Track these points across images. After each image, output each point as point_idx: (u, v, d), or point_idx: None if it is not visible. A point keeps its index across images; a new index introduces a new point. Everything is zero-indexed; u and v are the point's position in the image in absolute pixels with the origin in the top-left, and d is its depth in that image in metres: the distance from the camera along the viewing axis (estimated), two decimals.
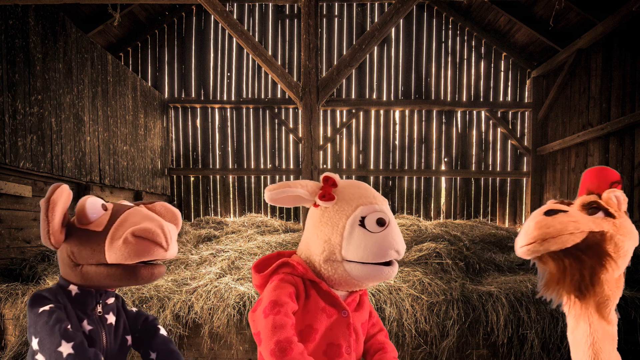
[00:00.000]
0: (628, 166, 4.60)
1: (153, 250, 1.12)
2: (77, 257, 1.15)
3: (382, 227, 1.07)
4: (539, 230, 0.98)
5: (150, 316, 1.39)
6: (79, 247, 1.14)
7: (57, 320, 1.07)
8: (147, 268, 1.18)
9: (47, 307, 1.09)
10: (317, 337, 1.08)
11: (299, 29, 6.50)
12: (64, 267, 1.19)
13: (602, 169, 1.14)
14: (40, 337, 1.06)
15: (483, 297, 2.85)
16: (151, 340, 1.32)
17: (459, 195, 6.66)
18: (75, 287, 1.18)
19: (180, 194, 6.62)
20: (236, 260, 3.50)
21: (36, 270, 3.44)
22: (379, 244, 1.05)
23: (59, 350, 1.03)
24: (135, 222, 1.14)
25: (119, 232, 1.13)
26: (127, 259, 1.11)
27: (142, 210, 1.21)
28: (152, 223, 1.14)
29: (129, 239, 1.10)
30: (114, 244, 1.11)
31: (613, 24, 4.64)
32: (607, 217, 1.03)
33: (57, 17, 3.87)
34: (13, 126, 3.34)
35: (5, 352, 2.78)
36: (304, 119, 3.78)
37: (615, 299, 1.05)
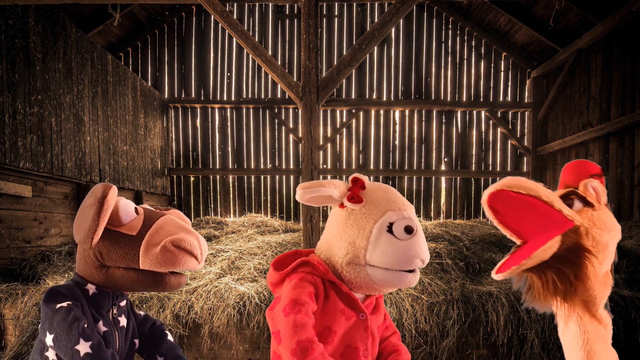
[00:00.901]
0: (628, 166, 4.60)
1: (188, 261, 1.12)
2: (105, 258, 1.13)
3: (410, 234, 1.05)
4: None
5: (158, 321, 1.39)
6: (109, 248, 1.13)
7: (75, 318, 1.05)
8: (175, 277, 1.18)
9: (64, 304, 1.08)
10: (335, 339, 1.06)
11: (299, 29, 6.50)
12: (86, 266, 1.17)
13: (581, 162, 1.11)
14: (57, 333, 1.05)
15: (483, 297, 2.85)
16: (159, 345, 1.32)
17: (459, 195, 6.66)
18: (93, 287, 1.17)
19: (180, 194, 6.62)
20: (236, 260, 3.50)
21: (36, 270, 3.44)
22: (405, 251, 1.04)
23: (76, 349, 1.03)
24: (172, 231, 1.14)
25: (156, 239, 1.12)
26: (161, 266, 1.11)
27: (176, 220, 1.21)
28: (190, 235, 1.15)
29: (169, 248, 1.10)
30: (150, 250, 1.11)
31: (613, 24, 4.64)
32: (586, 207, 0.99)
33: (57, 17, 3.87)
34: (13, 126, 3.34)
35: (5, 352, 2.78)
36: (304, 119, 3.78)
37: (603, 297, 1.00)
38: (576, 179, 1.07)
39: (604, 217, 0.98)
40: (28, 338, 2.75)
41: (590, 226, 0.96)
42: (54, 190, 4.06)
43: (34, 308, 2.79)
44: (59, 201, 4.15)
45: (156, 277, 1.14)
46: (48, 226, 3.98)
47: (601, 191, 1.01)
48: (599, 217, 0.98)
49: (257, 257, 3.56)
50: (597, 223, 0.96)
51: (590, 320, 0.99)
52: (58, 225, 4.13)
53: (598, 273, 0.97)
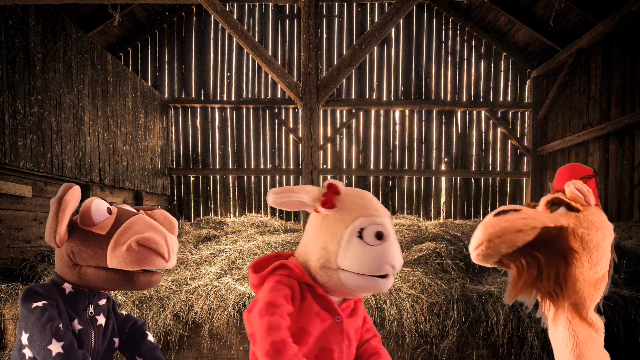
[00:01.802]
0: (628, 166, 4.60)
1: (155, 260, 1.13)
2: (77, 257, 1.16)
3: (380, 240, 1.05)
4: (484, 232, 0.94)
5: (140, 321, 1.40)
6: (79, 247, 1.15)
7: (49, 319, 1.07)
8: (145, 275, 1.19)
9: (40, 304, 1.10)
10: (310, 340, 1.08)
11: (299, 29, 6.50)
12: (61, 265, 1.20)
13: (574, 165, 1.10)
14: (31, 332, 1.07)
15: (483, 297, 2.85)
16: (138, 345, 1.33)
17: (459, 195, 6.66)
18: (69, 286, 1.19)
19: (180, 194, 6.62)
20: (236, 260, 3.50)
21: (36, 270, 3.44)
22: (375, 257, 1.04)
23: (48, 348, 1.05)
24: (140, 230, 1.15)
25: (123, 238, 1.14)
26: (128, 265, 1.12)
27: (146, 219, 1.22)
28: (156, 234, 1.16)
29: (133, 247, 1.11)
30: (116, 249, 1.12)
31: (613, 24, 4.64)
32: (570, 212, 0.98)
33: (57, 17, 3.87)
34: (13, 126, 3.34)
35: (5, 352, 2.78)
36: (304, 119, 3.78)
37: (593, 300, 0.99)
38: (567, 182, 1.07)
39: (591, 217, 0.97)
40: None
41: (577, 225, 0.95)
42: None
43: None
44: None
45: (126, 276, 1.15)
46: None
47: (586, 192, 0.99)
48: (586, 217, 0.97)
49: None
50: (583, 223, 0.95)
51: (580, 324, 0.98)
52: None
53: (588, 275, 0.96)
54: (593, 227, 0.95)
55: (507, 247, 0.92)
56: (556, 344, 1.02)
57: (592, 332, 0.98)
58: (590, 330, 0.98)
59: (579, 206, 0.98)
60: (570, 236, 0.94)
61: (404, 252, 3.60)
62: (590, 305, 0.99)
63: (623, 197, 4.67)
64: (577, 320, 0.98)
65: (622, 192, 4.69)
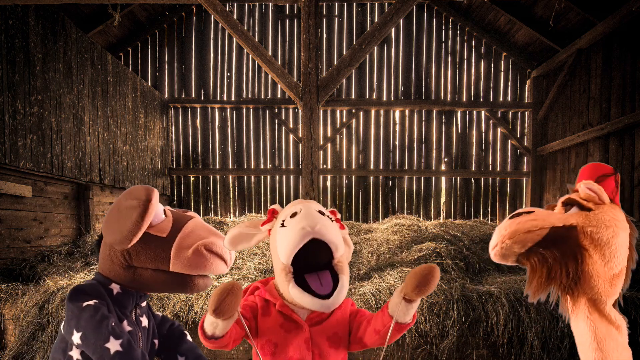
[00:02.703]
0: (628, 166, 4.60)
1: (219, 265, 1.14)
2: (134, 259, 1.12)
3: (293, 217, 1.13)
4: (499, 234, 1.02)
5: (176, 322, 1.39)
6: (138, 249, 1.12)
7: (104, 316, 1.04)
8: (202, 279, 1.18)
9: (91, 302, 1.06)
10: (277, 350, 1.17)
11: (299, 29, 6.50)
12: (112, 266, 1.15)
13: (595, 165, 1.13)
14: (85, 331, 1.03)
15: (483, 297, 2.85)
16: (179, 345, 1.32)
17: (459, 195, 6.66)
18: (117, 286, 1.16)
19: (180, 194, 6.62)
20: (236, 260, 3.50)
21: (36, 270, 3.44)
22: (291, 229, 1.10)
23: (106, 346, 1.01)
24: (202, 235, 1.15)
25: (187, 242, 1.12)
26: (192, 269, 1.11)
27: (204, 223, 1.22)
28: (220, 239, 1.16)
29: (202, 252, 1.11)
30: (181, 253, 1.11)
31: (613, 24, 4.64)
32: (582, 211, 1.02)
33: (57, 17, 3.87)
34: (13, 126, 3.34)
35: (5, 352, 2.78)
36: (304, 119, 3.78)
37: (610, 296, 1.01)
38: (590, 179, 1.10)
39: (601, 216, 0.99)
40: (28, 338, 2.75)
41: (585, 224, 0.98)
42: (54, 190, 4.06)
43: (34, 308, 2.79)
44: (59, 201, 4.15)
45: (184, 279, 1.15)
46: (48, 226, 3.98)
47: (598, 190, 1.02)
48: (595, 216, 0.99)
49: (257, 257, 3.56)
50: (592, 221, 0.98)
51: (599, 319, 1.00)
52: (58, 225, 4.13)
53: (603, 272, 0.98)
54: (603, 225, 0.98)
55: (519, 246, 1.00)
56: (577, 338, 1.05)
57: (612, 329, 1.00)
58: (610, 326, 1.00)
59: (591, 205, 1.01)
60: (580, 234, 0.98)
61: (404, 252, 3.60)
62: (607, 301, 1.01)
63: (623, 197, 4.67)
64: (595, 316, 1.01)
65: (622, 192, 4.69)
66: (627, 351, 1.02)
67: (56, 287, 2.91)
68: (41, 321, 2.75)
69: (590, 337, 1.00)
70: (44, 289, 2.90)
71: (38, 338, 2.74)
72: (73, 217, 4.37)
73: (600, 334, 0.99)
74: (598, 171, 1.10)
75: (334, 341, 1.22)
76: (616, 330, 1.01)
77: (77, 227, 4.41)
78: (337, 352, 1.23)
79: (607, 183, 1.07)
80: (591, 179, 1.09)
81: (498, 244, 1.02)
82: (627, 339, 1.03)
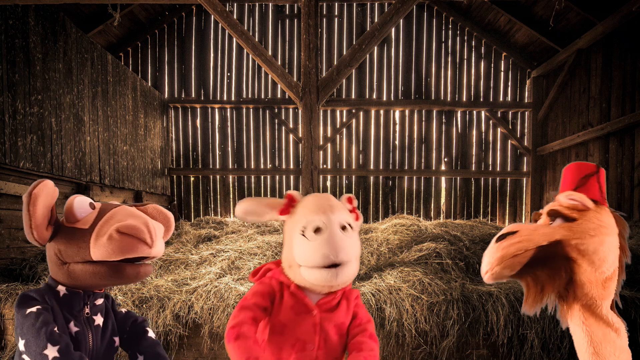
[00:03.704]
0: (628, 166, 4.60)
1: (137, 247, 1.12)
2: (64, 255, 1.16)
3: (318, 234, 1.17)
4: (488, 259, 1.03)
5: (140, 318, 1.39)
6: (65, 245, 1.15)
7: (44, 323, 1.07)
8: (132, 267, 1.18)
9: (34, 309, 1.09)
10: (286, 332, 1.23)
11: (299, 29, 6.50)
12: (52, 266, 1.20)
13: (577, 165, 1.12)
14: (27, 339, 1.06)
15: (483, 297, 2.85)
16: (139, 342, 1.32)
17: (459, 195, 6.66)
18: (63, 288, 1.19)
19: (180, 194, 6.62)
20: (236, 260, 3.50)
21: (36, 270, 3.44)
22: (314, 250, 1.15)
23: (44, 353, 1.04)
24: (121, 220, 1.15)
25: (104, 229, 1.13)
26: (111, 255, 1.11)
27: (128, 208, 1.21)
28: (136, 220, 1.15)
29: (114, 236, 1.10)
30: (98, 240, 1.12)
31: (613, 24, 4.64)
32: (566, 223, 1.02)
33: (57, 17, 3.87)
34: (13, 126, 3.34)
35: (5, 352, 2.78)
36: (304, 119, 3.78)
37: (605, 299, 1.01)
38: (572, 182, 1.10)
39: (585, 225, 0.99)
40: None
41: (569, 237, 0.99)
42: None
43: None
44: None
45: (113, 268, 1.14)
46: None
47: (580, 198, 1.02)
48: (579, 227, 0.99)
49: (257, 257, 3.56)
50: (575, 234, 0.99)
51: (595, 323, 1.00)
52: None
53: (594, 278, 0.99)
54: (587, 235, 0.98)
55: (509, 271, 1.01)
56: (575, 343, 1.05)
57: (609, 332, 1.00)
58: (607, 329, 1.00)
59: (576, 214, 1.01)
60: (566, 248, 0.99)
61: (404, 252, 3.60)
62: (603, 304, 1.01)
63: (623, 197, 4.67)
64: (591, 320, 1.01)
65: (622, 192, 4.69)
66: (626, 353, 1.02)
67: None
68: None
69: (586, 342, 1.00)
70: None
71: None
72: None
73: (596, 338, 0.99)
74: (581, 172, 1.09)
75: (340, 329, 1.28)
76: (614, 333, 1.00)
77: None
78: (341, 339, 1.28)
79: (590, 184, 1.06)
80: (575, 180, 1.08)
81: (488, 270, 1.02)
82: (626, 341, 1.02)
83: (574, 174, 1.10)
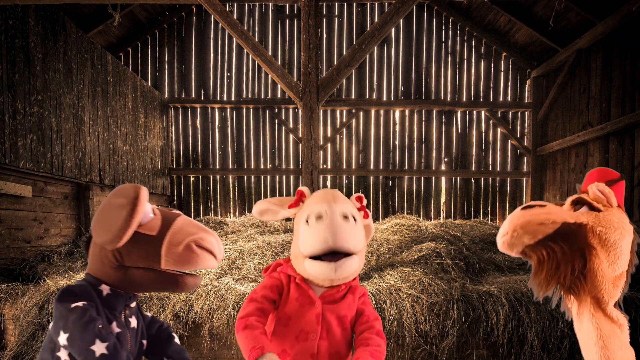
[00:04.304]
0: (628, 166, 4.60)
1: (209, 261, 1.16)
2: (125, 258, 1.12)
3: (319, 220, 1.23)
4: (510, 223, 1.02)
5: (164, 323, 1.39)
6: (129, 249, 1.11)
7: (91, 319, 1.04)
8: (192, 277, 1.20)
9: (80, 304, 1.06)
10: (291, 323, 1.28)
11: (299, 29, 6.50)
12: (102, 267, 1.15)
13: (603, 169, 1.15)
14: (72, 332, 1.03)
15: (483, 297, 2.85)
16: (166, 347, 1.32)
17: (459, 195, 6.66)
18: (107, 287, 1.15)
19: (180, 194, 6.62)
20: (236, 260, 3.50)
21: (36, 270, 3.44)
22: (314, 234, 1.22)
23: (91, 349, 1.02)
24: (191, 231, 1.16)
25: (177, 238, 1.13)
26: (183, 266, 1.13)
27: (192, 220, 1.23)
28: (209, 235, 1.18)
29: (193, 248, 1.12)
30: (172, 249, 1.11)
31: (613, 24, 4.64)
32: (591, 211, 1.04)
33: (57, 17, 3.87)
34: (13, 126, 3.34)
35: (5, 352, 2.78)
36: (304, 119, 3.78)
37: (612, 297, 1.02)
38: None
39: (610, 217, 1.02)
40: (28, 338, 2.75)
41: (595, 224, 1.00)
42: (54, 190, 4.06)
43: (34, 308, 2.79)
44: (59, 201, 4.15)
45: (174, 278, 1.16)
46: (48, 226, 3.98)
47: (608, 194, 1.05)
48: (605, 217, 1.02)
49: (257, 257, 3.56)
50: (602, 222, 1.01)
51: (604, 318, 1.01)
52: (58, 225, 4.13)
53: (607, 272, 1.00)
54: (611, 226, 1.00)
55: (530, 237, 0.99)
56: (582, 337, 1.06)
57: (615, 328, 1.02)
58: (613, 325, 1.02)
59: (601, 206, 1.04)
60: (589, 233, 1.00)
61: (404, 252, 3.60)
62: (609, 302, 1.02)
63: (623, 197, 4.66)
64: (600, 314, 1.02)
65: None
66: (630, 350, 1.03)
67: (56, 287, 2.91)
68: (41, 321, 2.75)
69: (596, 336, 1.01)
70: (44, 289, 2.90)
71: (38, 338, 2.74)
72: (73, 217, 4.37)
73: (605, 332, 1.00)
74: (606, 176, 1.13)
75: (343, 322, 1.31)
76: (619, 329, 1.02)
77: (77, 227, 4.41)
78: (344, 333, 1.32)
79: (617, 187, 1.11)
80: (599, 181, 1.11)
81: (509, 231, 1.01)
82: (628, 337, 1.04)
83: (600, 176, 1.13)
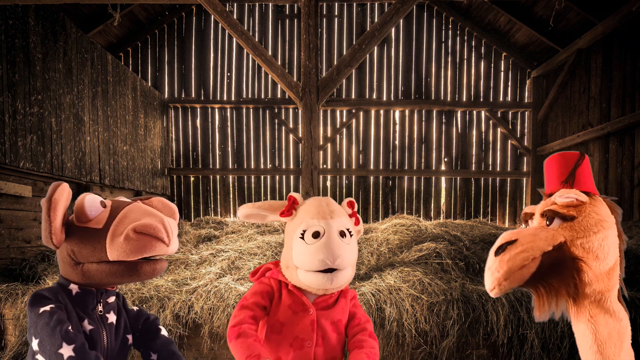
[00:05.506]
0: (628, 166, 4.60)
1: (155, 246, 1.12)
2: (77, 255, 1.14)
3: (316, 239, 1.20)
4: (491, 277, 0.96)
5: (152, 316, 1.38)
6: (79, 245, 1.13)
7: (58, 322, 1.05)
8: (148, 264, 1.17)
9: (47, 308, 1.08)
10: (284, 330, 1.26)
11: (299, 29, 6.50)
12: (64, 266, 1.18)
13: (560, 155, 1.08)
14: (41, 338, 1.05)
15: (483, 297, 2.85)
16: (152, 341, 1.32)
17: (459, 195, 6.66)
18: (75, 286, 1.18)
19: (180, 194, 6.62)
20: (236, 260, 3.50)
21: (36, 270, 3.44)
22: (311, 254, 1.19)
23: (59, 352, 1.03)
24: (136, 218, 1.13)
25: (120, 228, 1.12)
26: (129, 255, 1.10)
27: (142, 206, 1.20)
28: (152, 218, 1.14)
29: (131, 235, 1.09)
30: (115, 240, 1.11)
31: (613, 24, 4.64)
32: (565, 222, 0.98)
33: (57, 17, 3.87)
34: (13, 126, 3.34)
35: (5, 352, 2.78)
36: (304, 119, 3.78)
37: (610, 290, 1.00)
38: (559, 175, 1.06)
39: (586, 222, 0.97)
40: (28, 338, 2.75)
41: (573, 237, 0.96)
42: None
43: None
44: None
45: (129, 267, 1.14)
46: None
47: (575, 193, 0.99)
48: (581, 225, 0.97)
49: (257, 257, 3.56)
50: (578, 232, 0.96)
51: (603, 319, 0.98)
52: None
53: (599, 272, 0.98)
54: (590, 232, 0.96)
55: (518, 283, 0.95)
56: (578, 340, 1.04)
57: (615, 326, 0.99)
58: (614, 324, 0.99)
59: (573, 212, 0.98)
60: (571, 248, 0.96)
61: (404, 252, 3.60)
62: (610, 295, 1.00)
63: (623, 197, 4.67)
64: (600, 316, 0.99)
65: (622, 192, 4.68)
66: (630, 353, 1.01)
67: None
68: None
69: (591, 340, 0.99)
70: None
71: None
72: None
73: (600, 337, 0.98)
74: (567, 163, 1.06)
75: (338, 326, 1.30)
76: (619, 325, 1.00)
77: None
78: (339, 337, 1.31)
79: (579, 176, 1.04)
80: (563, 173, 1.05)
81: (495, 287, 0.96)
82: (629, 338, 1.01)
83: (560, 166, 1.06)
